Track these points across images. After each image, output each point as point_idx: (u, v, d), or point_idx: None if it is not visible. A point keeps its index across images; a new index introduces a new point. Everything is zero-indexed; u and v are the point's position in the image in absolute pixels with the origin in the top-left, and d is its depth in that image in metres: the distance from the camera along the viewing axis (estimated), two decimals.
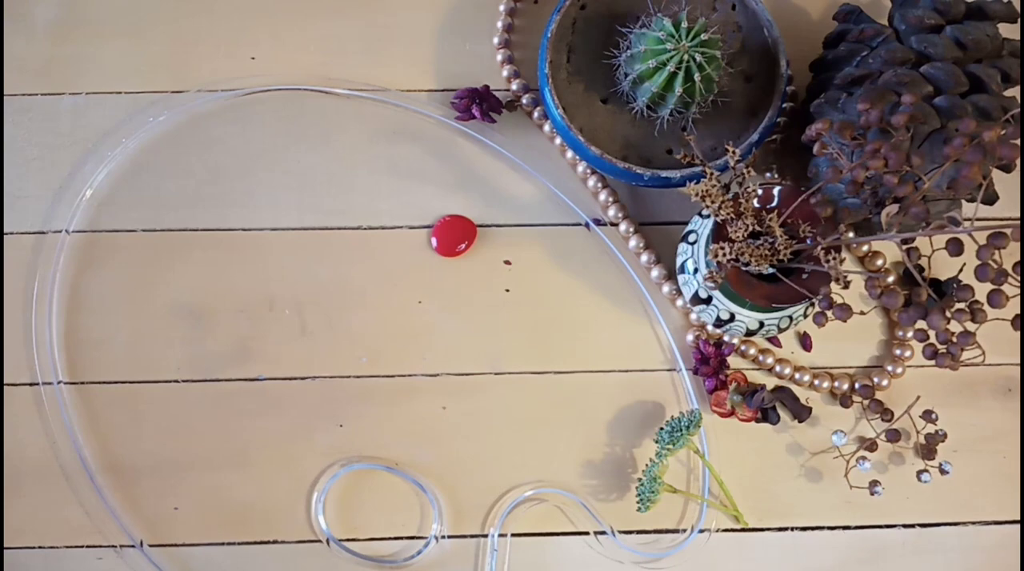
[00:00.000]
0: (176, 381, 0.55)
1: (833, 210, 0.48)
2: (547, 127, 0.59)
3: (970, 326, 0.44)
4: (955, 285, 0.44)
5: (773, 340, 0.57)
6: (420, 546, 0.54)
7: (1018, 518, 0.55)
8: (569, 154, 0.58)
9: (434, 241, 0.57)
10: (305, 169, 0.58)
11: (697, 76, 0.52)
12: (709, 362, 0.56)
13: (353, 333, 0.56)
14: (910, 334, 0.57)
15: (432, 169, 0.59)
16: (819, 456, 0.56)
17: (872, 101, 0.47)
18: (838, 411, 0.56)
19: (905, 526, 0.55)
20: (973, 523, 0.55)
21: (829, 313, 0.45)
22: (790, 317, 0.51)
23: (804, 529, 0.55)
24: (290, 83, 0.59)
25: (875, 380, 0.56)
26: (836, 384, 0.56)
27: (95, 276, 0.57)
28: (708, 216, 0.51)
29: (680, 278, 0.54)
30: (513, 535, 0.54)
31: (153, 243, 0.57)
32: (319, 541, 0.54)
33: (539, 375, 0.56)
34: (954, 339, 0.44)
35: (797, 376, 0.56)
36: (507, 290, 0.57)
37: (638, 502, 0.52)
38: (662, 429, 0.53)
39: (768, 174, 0.58)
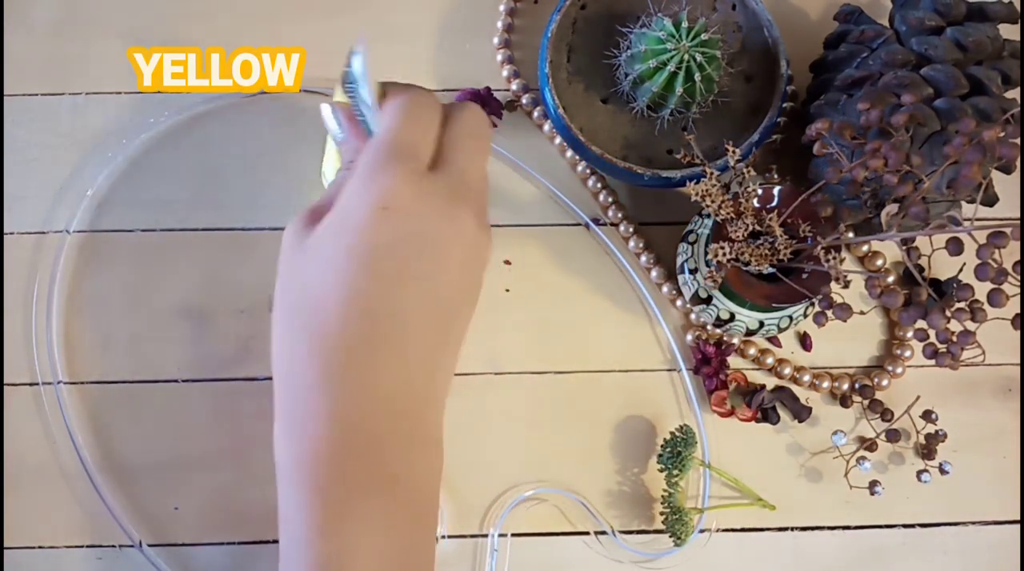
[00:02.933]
0: (176, 381, 0.55)
1: (833, 210, 0.48)
2: (547, 127, 0.59)
3: (970, 326, 0.44)
4: (955, 285, 0.44)
5: (773, 340, 0.57)
6: None
7: (1018, 518, 0.55)
8: (569, 154, 0.58)
9: None
10: (305, 169, 0.58)
11: (697, 76, 0.52)
12: (709, 362, 0.56)
13: None
14: (910, 334, 0.57)
15: None
16: (819, 456, 0.56)
17: (872, 102, 0.47)
18: (838, 411, 0.56)
19: (905, 526, 0.55)
20: (973, 523, 0.55)
21: (829, 313, 0.45)
22: (790, 317, 0.51)
23: (804, 529, 0.55)
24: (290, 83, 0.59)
25: (875, 380, 0.56)
26: (836, 384, 0.56)
27: (95, 276, 0.57)
28: (708, 216, 0.51)
29: (680, 278, 0.54)
30: (513, 535, 0.54)
31: (153, 243, 0.57)
32: None
33: (539, 375, 0.56)
34: (954, 339, 0.44)
35: (797, 376, 0.56)
36: (507, 290, 0.57)
37: (672, 537, 0.52)
38: (661, 456, 0.53)
39: (768, 174, 0.58)
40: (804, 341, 0.57)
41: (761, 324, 0.51)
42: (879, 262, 0.58)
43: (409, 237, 0.40)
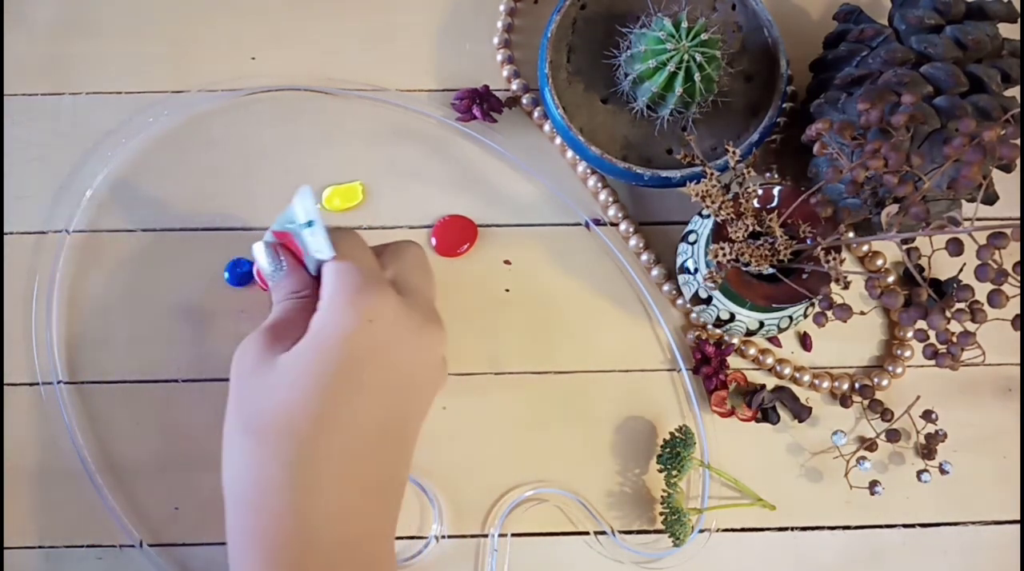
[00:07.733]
0: (176, 381, 0.55)
1: (833, 210, 0.48)
2: (547, 127, 0.59)
3: (970, 326, 0.44)
4: (955, 285, 0.44)
5: (773, 340, 0.57)
6: (420, 546, 0.54)
7: (1018, 518, 0.55)
8: (569, 154, 0.58)
9: (434, 241, 0.57)
10: (305, 169, 0.58)
11: (697, 76, 0.52)
12: (709, 362, 0.56)
13: None
14: (910, 334, 0.57)
15: (432, 169, 0.59)
16: (819, 456, 0.56)
17: (872, 101, 0.47)
18: (838, 411, 0.56)
19: (905, 526, 0.55)
20: (973, 523, 0.55)
21: (829, 313, 0.45)
22: (790, 317, 0.51)
23: (804, 529, 0.55)
24: (290, 83, 0.59)
25: (875, 380, 0.56)
26: (836, 384, 0.56)
27: (95, 276, 0.57)
28: (708, 216, 0.51)
29: (680, 278, 0.54)
30: (513, 535, 0.54)
31: (153, 243, 0.57)
32: None
33: (539, 375, 0.56)
34: (954, 339, 0.44)
35: (797, 376, 0.56)
36: (507, 290, 0.57)
37: (671, 538, 0.52)
38: (661, 456, 0.53)
39: (768, 174, 0.58)
40: (804, 341, 0.57)
41: (761, 324, 0.51)
42: (879, 262, 0.58)
43: (389, 347, 0.42)
